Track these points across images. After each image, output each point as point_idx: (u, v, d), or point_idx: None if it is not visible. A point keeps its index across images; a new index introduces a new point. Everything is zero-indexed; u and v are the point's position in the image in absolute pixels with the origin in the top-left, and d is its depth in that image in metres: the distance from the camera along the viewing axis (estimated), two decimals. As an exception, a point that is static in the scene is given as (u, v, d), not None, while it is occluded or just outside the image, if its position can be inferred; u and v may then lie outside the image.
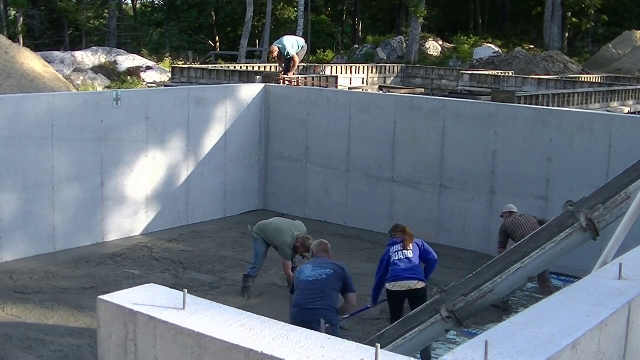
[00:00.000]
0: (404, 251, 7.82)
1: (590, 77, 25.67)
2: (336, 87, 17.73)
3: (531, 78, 22.39)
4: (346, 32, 55.89)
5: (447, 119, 11.97)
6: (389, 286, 7.78)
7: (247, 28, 38.65)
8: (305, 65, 22.23)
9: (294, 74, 16.30)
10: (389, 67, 26.28)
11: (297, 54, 16.52)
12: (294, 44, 16.44)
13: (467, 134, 11.74)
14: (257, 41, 47.49)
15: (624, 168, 10.31)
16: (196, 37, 51.79)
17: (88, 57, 31.55)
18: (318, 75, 18.68)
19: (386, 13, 55.14)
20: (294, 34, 30.72)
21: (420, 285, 7.74)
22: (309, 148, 13.49)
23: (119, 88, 26.71)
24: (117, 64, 31.80)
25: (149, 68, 32.17)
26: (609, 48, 37.72)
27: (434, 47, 39.60)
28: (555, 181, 10.95)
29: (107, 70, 31.20)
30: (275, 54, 16.25)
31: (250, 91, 13.87)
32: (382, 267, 7.86)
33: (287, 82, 15.82)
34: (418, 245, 8.03)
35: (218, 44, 50.58)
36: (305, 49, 17.19)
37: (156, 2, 56.96)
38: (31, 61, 23.36)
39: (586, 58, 39.95)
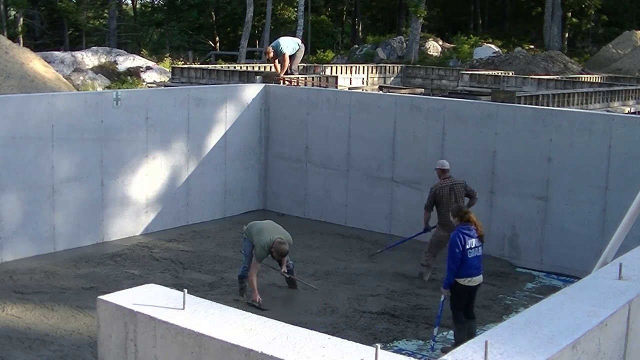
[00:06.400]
0: (478, 248, 7.97)
1: (591, 77, 25.65)
2: (336, 87, 17.72)
3: (531, 78, 22.37)
4: (346, 32, 55.88)
5: (447, 119, 11.97)
6: (466, 282, 7.94)
7: (247, 28, 38.65)
8: (305, 65, 22.23)
9: (286, 72, 16.36)
10: (389, 67, 26.26)
11: (294, 54, 16.63)
12: (288, 44, 16.65)
13: (467, 134, 11.74)
14: (257, 41, 47.50)
15: (624, 168, 10.36)
16: (196, 37, 51.77)
17: (88, 57, 31.54)
18: (318, 75, 18.67)
19: (386, 13, 55.14)
20: (293, 34, 30.79)
21: (482, 279, 8.19)
22: (309, 148, 13.48)
23: (119, 88, 26.71)
24: (117, 64, 31.79)
25: (148, 68, 32.16)
26: (609, 48, 37.71)
27: (434, 47, 39.59)
28: (555, 181, 10.94)
29: (107, 70, 31.19)
30: (271, 54, 16.55)
31: (250, 91, 13.86)
32: (460, 256, 7.83)
33: (287, 82, 15.84)
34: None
35: (218, 44, 50.58)
36: (303, 49, 17.29)
37: (156, 2, 56.98)
38: (31, 61, 23.35)
39: (586, 58, 39.94)
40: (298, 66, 17.77)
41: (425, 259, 10.44)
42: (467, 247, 7.83)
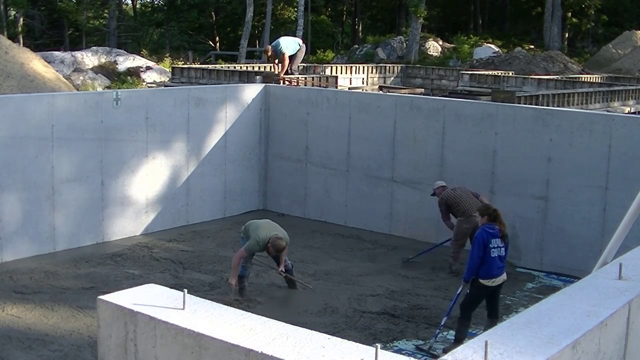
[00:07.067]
0: (501, 248, 8.01)
1: (591, 77, 25.65)
2: (336, 87, 17.72)
3: (531, 78, 22.37)
4: (346, 32, 55.90)
5: (447, 119, 11.97)
6: (486, 282, 7.99)
7: (247, 28, 38.65)
8: (305, 65, 22.23)
9: (286, 73, 16.40)
10: (389, 67, 26.26)
11: (295, 54, 16.67)
12: (288, 44, 16.67)
13: (467, 134, 11.74)
14: (257, 41, 47.51)
15: (624, 168, 10.36)
16: (196, 37, 51.80)
17: (88, 57, 31.54)
18: (318, 75, 18.67)
19: (386, 13, 55.16)
20: (293, 34, 30.81)
21: (505, 277, 8.23)
22: (309, 148, 13.48)
23: (119, 88, 26.71)
24: (117, 64, 31.79)
25: (148, 68, 32.16)
26: (609, 48, 37.71)
27: (434, 47, 39.60)
28: (555, 181, 10.94)
29: (107, 70, 31.19)
30: (269, 53, 16.61)
31: (250, 91, 13.86)
32: (480, 254, 7.89)
33: (287, 82, 15.84)
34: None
35: (218, 44, 50.59)
36: (303, 49, 17.31)
37: (156, 2, 56.98)
38: (31, 61, 23.35)
39: (586, 58, 39.95)
40: (298, 66, 17.79)
41: (453, 251, 10.72)
42: (491, 246, 7.88)
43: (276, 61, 16.66)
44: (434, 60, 37.22)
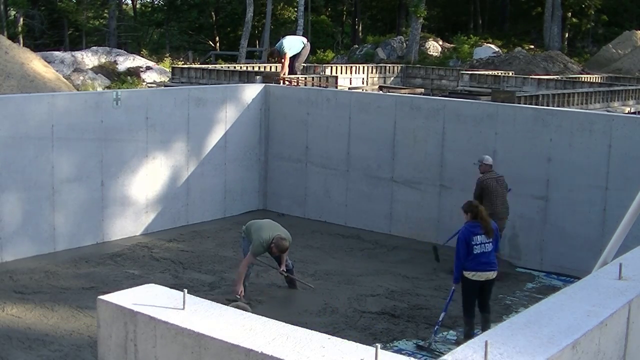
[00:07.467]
0: (487, 244, 8.05)
1: (591, 77, 25.64)
2: (336, 87, 17.71)
3: (531, 78, 22.35)
4: (346, 32, 55.86)
5: (447, 119, 11.97)
6: (470, 275, 8.05)
7: (247, 28, 38.63)
8: (305, 65, 22.21)
9: (285, 73, 16.39)
10: (389, 67, 26.24)
11: (299, 52, 16.66)
12: (292, 44, 16.65)
13: (467, 134, 11.74)
14: (257, 41, 47.49)
15: (624, 168, 10.36)
16: (196, 37, 51.78)
17: (88, 57, 31.53)
18: (318, 75, 18.65)
19: (386, 13, 55.13)
20: (294, 33, 30.81)
21: (495, 274, 8.25)
22: (309, 148, 13.49)
23: (119, 88, 26.71)
24: (117, 64, 31.78)
25: (148, 68, 32.14)
26: (609, 48, 37.69)
27: (434, 47, 39.58)
28: (555, 181, 10.95)
29: (107, 70, 31.18)
30: (274, 55, 16.63)
31: (250, 91, 13.87)
32: (464, 252, 7.99)
33: (287, 82, 15.84)
34: (494, 231, 8.22)
35: (218, 44, 50.57)
36: (308, 47, 17.28)
37: (156, 2, 56.97)
38: (31, 61, 23.34)
39: (586, 58, 39.93)
40: (299, 66, 17.77)
41: None
42: (473, 243, 7.91)
43: (282, 60, 16.67)
44: (434, 60, 37.20)
